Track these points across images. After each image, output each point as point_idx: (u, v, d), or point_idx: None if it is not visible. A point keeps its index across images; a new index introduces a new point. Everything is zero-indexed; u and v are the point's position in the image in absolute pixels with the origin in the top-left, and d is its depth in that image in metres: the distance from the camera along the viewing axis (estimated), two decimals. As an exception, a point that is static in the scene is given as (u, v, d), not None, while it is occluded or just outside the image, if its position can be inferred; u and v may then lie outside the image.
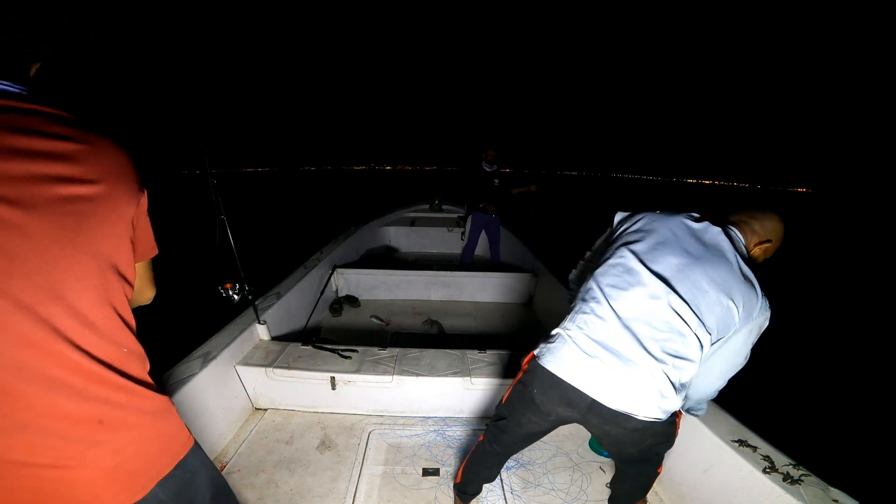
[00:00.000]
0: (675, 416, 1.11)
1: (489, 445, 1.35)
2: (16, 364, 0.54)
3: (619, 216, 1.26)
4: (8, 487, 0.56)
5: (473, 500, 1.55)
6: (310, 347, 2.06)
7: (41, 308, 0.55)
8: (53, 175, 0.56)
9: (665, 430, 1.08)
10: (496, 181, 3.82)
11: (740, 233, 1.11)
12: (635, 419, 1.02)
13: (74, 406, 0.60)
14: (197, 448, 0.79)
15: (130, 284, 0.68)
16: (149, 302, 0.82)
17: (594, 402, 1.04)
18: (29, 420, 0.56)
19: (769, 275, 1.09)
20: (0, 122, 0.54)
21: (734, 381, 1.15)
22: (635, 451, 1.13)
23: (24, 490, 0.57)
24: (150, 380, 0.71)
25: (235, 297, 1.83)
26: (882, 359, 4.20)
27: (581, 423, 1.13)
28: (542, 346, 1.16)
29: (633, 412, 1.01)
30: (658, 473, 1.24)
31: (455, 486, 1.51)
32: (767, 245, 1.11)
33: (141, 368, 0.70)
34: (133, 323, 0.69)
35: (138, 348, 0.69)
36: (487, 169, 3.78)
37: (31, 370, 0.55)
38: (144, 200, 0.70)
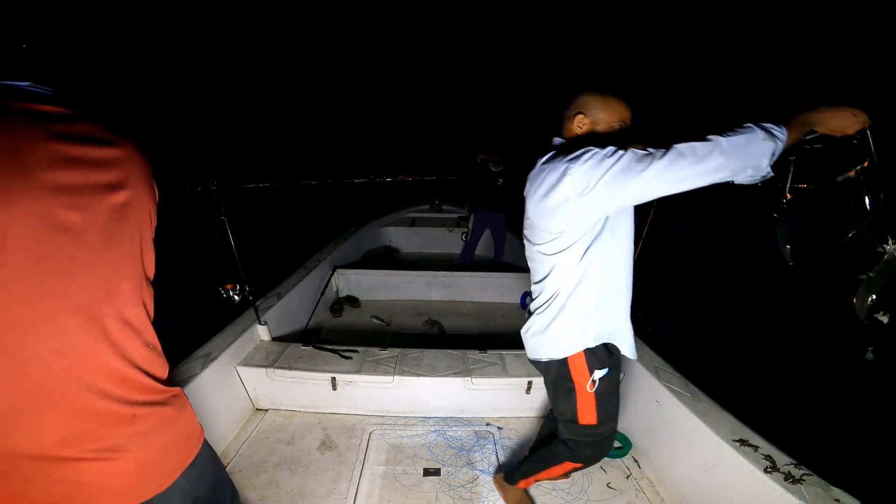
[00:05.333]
0: (567, 361, 1.15)
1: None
2: (69, 362, 0.57)
3: None
4: (55, 481, 0.59)
5: (474, 499, 1.56)
6: (310, 348, 2.06)
7: (94, 308, 0.59)
8: (104, 183, 0.60)
9: (558, 373, 1.18)
10: (500, 181, 3.82)
11: (564, 130, 1.14)
12: (540, 362, 1.22)
13: (114, 401, 0.62)
14: (206, 440, 0.83)
15: (150, 281, 0.72)
16: None
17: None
18: (76, 417, 0.59)
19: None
20: (60, 131, 0.55)
21: (736, 382, 1.15)
22: (551, 390, 1.26)
23: (69, 483, 0.60)
24: (166, 374, 0.74)
25: (236, 297, 1.84)
26: (882, 358, 4.19)
27: None
28: None
29: (538, 357, 1.22)
30: (565, 450, 1.28)
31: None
32: (579, 116, 1.09)
33: (162, 363, 0.73)
34: (152, 317, 0.73)
35: (158, 344, 0.73)
36: (493, 168, 3.77)
37: (81, 368, 0.58)
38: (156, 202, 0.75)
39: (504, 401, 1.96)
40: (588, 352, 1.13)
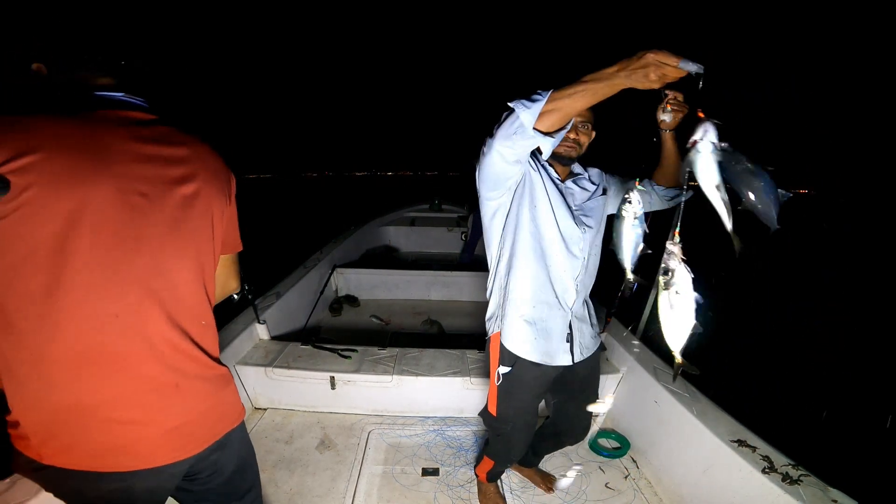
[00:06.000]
0: (490, 340, 1.23)
1: None
2: (126, 326, 0.65)
3: None
4: (94, 440, 0.66)
5: (473, 499, 1.56)
6: (309, 347, 2.06)
7: (153, 282, 0.67)
8: (174, 177, 0.71)
9: (486, 351, 1.25)
10: None
11: None
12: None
13: (160, 370, 0.69)
14: (243, 422, 0.89)
15: (214, 266, 0.81)
16: (234, 292, 0.96)
17: None
18: (126, 378, 0.66)
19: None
20: (140, 133, 0.68)
21: (735, 382, 1.15)
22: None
23: (104, 443, 0.67)
24: (217, 352, 0.82)
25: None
26: (881, 358, 4.21)
27: None
28: None
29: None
30: (487, 439, 1.44)
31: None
32: None
33: (213, 341, 0.80)
34: (213, 300, 0.81)
35: (213, 322, 0.81)
36: None
37: (137, 334, 0.66)
38: (234, 197, 0.83)
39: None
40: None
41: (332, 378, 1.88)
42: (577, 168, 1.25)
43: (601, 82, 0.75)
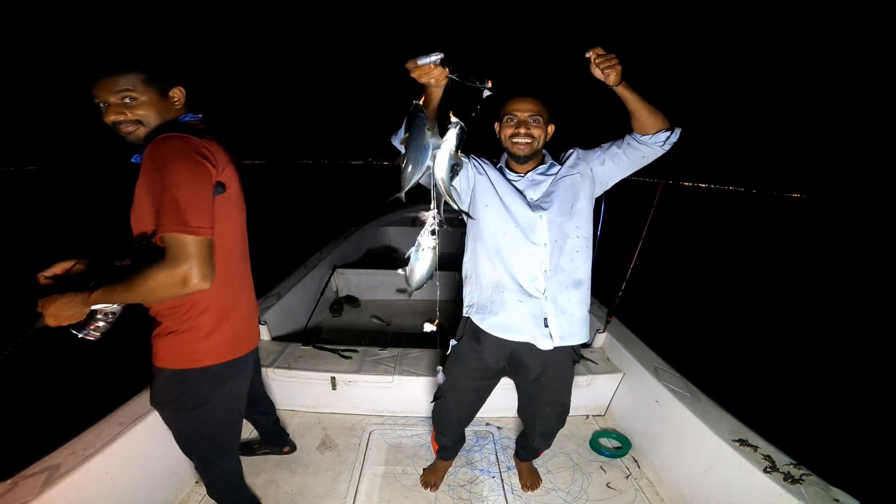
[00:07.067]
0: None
1: None
2: (241, 270, 1.13)
3: None
4: (233, 332, 1.08)
5: (474, 499, 1.55)
6: (310, 348, 2.06)
7: (245, 240, 1.15)
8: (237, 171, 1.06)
9: None
10: None
11: None
12: None
13: (242, 293, 1.13)
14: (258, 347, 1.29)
15: None
16: None
17: None
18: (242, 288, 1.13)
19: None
20: (220, 146, 0.99)
21: (736, 382, 1.15)
22: None
23: (185, 350, 1.00)
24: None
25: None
26: (881, 359, 4.21)
27: None
28: None
29: None
30: None
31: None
32: None
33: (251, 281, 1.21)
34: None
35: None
36: None
37: (238, 272, 1.11)
38: None
39: (504, 400, 1.95)
40: (465, 319, 1.40)
41: (333, 378, 1.88)
42: (548, 159, 1.28)
43: (426, 95, 0.88)
